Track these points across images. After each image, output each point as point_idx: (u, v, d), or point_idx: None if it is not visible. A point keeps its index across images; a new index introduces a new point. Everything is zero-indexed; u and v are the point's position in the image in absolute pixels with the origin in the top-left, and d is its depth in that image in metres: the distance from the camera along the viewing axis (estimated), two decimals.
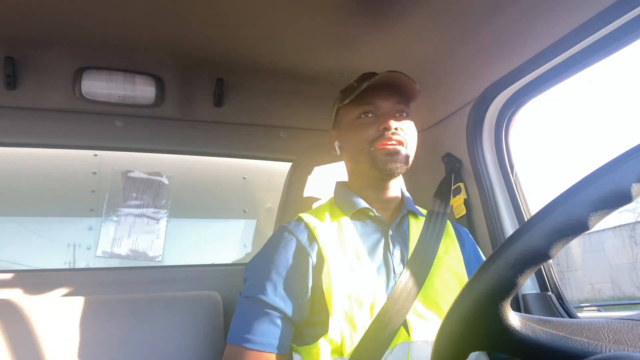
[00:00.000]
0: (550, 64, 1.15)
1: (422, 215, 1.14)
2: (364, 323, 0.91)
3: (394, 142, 1.01)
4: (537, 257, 0.47)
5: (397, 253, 1.03)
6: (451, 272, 1.04)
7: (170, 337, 1.20)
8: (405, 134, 1.03)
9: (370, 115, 1.05)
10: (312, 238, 1.00)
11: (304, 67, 1.36)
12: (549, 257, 0.47)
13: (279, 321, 0.93)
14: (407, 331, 0.92)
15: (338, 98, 1.14)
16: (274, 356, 0.91)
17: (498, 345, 0.51)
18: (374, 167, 1.03)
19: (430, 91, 1.48)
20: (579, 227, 0.46)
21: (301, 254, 0.98)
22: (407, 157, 1.04)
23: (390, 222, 1.07)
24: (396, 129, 1.01)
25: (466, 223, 1.44)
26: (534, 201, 1.37)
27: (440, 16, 1.12)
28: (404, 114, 1.07)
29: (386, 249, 1.03)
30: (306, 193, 1.33)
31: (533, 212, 1.38)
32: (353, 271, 0.96)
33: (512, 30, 1.14)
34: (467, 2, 1.07)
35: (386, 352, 0.89)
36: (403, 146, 1.02)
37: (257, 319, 0.93)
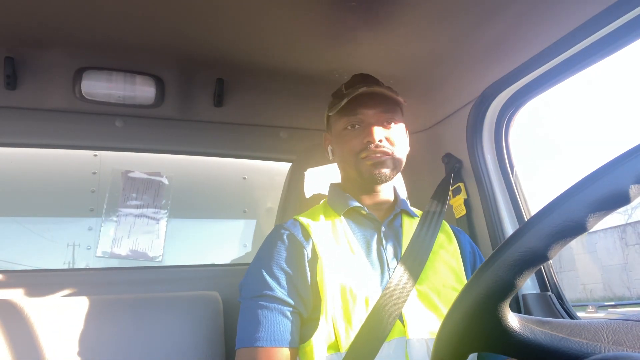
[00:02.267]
0: (550, 64, 1.15)
1: (416, 216, 1.16)
2: (359, 317, 0.92)
3: (378, 155, 1.03)
4: (536, 258, 0.47)
5: (390, 248, 1.04)
6: (446, 266, 1.05)
7: (170, 337, 1.20)
8: (391, 144, 1.05)
9: (356, 126, 1.06)
10: (306, 235, 1.02)
11: (304, 67, 1.36)
12: (547, 259, 0.47)
13: (288, 314, 0.93)
14: (403, 325, 0.93)
15: (329, 104, 1.16)
16: (286, 351, 0.91)
17: (497, 346, 0.51)
18: (360, 177, 1.05)
19: (430, 91, 1.48)
20: (577, 229, 0.46)
21: (297, 248, 1.00)
22: (393, 165, 1.05)
23: (382, 219, 1.09)
24: (381, 140, 1.03)
25: (466, 223, 1.44)
26: (534, 200, 1.37)
27: (440, 16, 1.12)
28: (392, 122, 1.07)
29: (379, 244, 1.04)
30: (306, 193, 1.33)
31: (533, 212, 1.38)
32: (347, 266, 0.97)
33: (512, 30, 1.14)
34: (467, 2, 1.07)
35: (383, 346, 0.89)
36: (389, 156, 1.04)
37: (266, 316, 0.93)
